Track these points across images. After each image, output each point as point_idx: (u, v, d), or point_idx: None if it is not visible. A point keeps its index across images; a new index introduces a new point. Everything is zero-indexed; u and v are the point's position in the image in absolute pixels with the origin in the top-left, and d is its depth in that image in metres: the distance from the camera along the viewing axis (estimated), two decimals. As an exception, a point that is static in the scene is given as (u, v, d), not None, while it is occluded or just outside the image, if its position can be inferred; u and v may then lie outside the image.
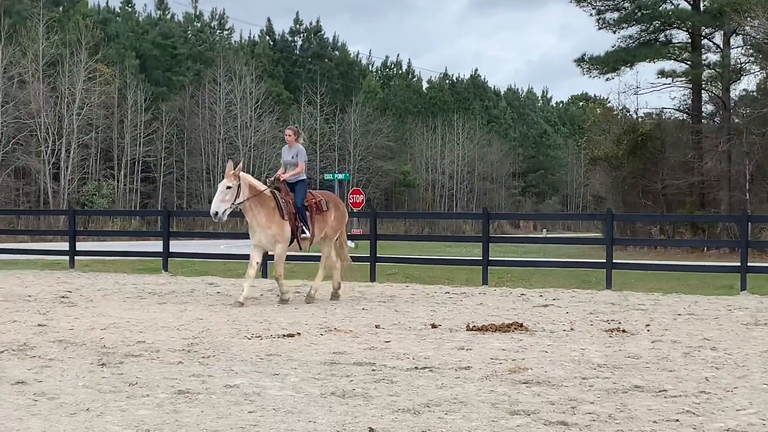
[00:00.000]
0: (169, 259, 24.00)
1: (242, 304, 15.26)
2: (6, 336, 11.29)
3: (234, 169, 15.71)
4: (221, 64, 73.91)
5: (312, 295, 16.74)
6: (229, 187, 15.52)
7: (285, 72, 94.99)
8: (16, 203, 59.62)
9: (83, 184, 63.54)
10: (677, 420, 6.88)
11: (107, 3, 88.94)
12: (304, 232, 16.41)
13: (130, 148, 68.01)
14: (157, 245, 26.42)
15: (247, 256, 17.10)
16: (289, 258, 17.20)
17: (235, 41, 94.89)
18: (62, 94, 60.94)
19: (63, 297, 16.63)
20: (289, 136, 16.75)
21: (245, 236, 18.55)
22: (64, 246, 26.45)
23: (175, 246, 24.42)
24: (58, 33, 63.69)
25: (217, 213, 15.39)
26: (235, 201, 15.57)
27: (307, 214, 16.44)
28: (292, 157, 16.56)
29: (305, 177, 16.71)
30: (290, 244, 16.31)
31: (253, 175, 17.56)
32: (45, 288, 18.55)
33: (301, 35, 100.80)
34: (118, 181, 67.48)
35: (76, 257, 25.23)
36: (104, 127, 66.20)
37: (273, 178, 16.73)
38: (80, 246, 27.36)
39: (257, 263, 16.16)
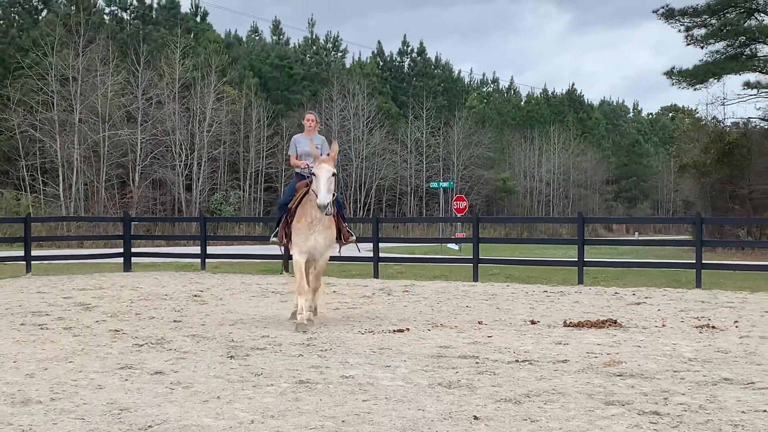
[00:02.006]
0: (289, 261, 24.22)
1: (309, 324, 12.04)
2: (145, 331, 11.57)
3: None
4: (335, 83, 74.60)
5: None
6: (334, 174, 11.96)
7: (393, 89, 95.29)
8: (153, 212, 61.05)
9: (212, 193, 64.71)
10: (765, 411, 6.69)
11: (236, 30, 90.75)
12: (352, 235, 13.36)
13: (254, 161, 69.13)
14: (278, 249, 26.76)
15: (363, 258, 13.13)
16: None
17: (348, 62, 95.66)
18: (194, 113, 62.22)
19: (195, 296, 16.96)
20: (313, 121, 13.41)
21: (359, 240, 15.40)
22: (196, 250, 26.96)
23: (295, 249, 24.61)
24: (192, 58, 65.10)
25: (327, 206, 11.71)
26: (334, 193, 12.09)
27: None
28: (317, 147, 12.49)
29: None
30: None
31: (364, 187, 12.88)
32: (179, 288, 18.94)
33: (408, 56, 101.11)
34: (243, 191, 68.56)
35: (206, 260, 25.69)
36: (231, 142, 67.36)
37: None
38: (210, 249, 27.81)
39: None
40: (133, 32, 70.52)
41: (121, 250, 25.84)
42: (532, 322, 12.62)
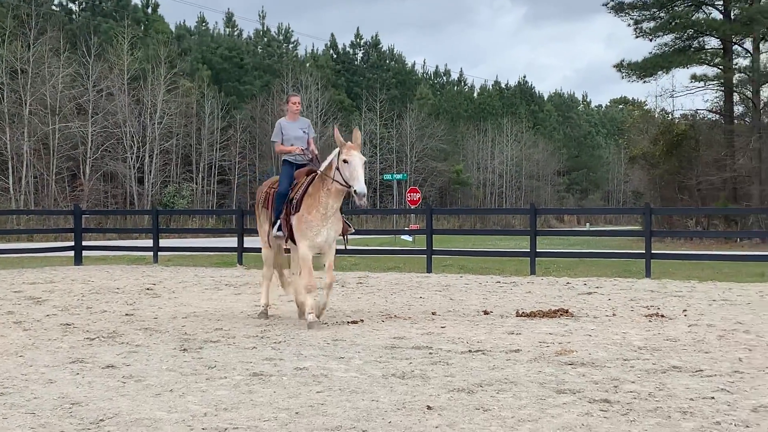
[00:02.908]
0: (243, 253, 24.19)
1: (319, 321, 11.46)
2: (97, 325, 11.46)
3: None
4: (289, 75, 74.32)
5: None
6: (365, 163, 11.56)
7: (347, 81, 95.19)
8: (104, 205, 60.46)
9: (165, 186, 64.25)
10: (713, 398, 6.79)
11: (184, 21, 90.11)
12: (350, 227, 12.40)
13: (207, 154, 68.71)
14: (232, 241, 26.68)
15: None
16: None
17: (300, 54, 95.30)
18: (145, 105, 61.69)
19: (148, 289, 16.83)
20: (298, 104, 12.57)
21: None
22: (149, 243, 26.77)
23: (249, 242, 24.57)
24: (141, 49, 64.46)
25: (366, 195, 11.02)
26: None
27: None
28: (303, 131, 12.35)
29: None
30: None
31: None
32: (131, 281, 18.78)
33: (362, 48, 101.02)
34: (196, 184, 68.14)
35: (159, 253, 25.54)
36: (183, 134, 66.90)
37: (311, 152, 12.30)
38: (163, 243, 27.66)
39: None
40: (83, 24, 69.68)
41: (72, 243, 25.57)
42: (485, 313, 12.69)
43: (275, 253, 12.57)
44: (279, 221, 11.79)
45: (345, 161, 11.19)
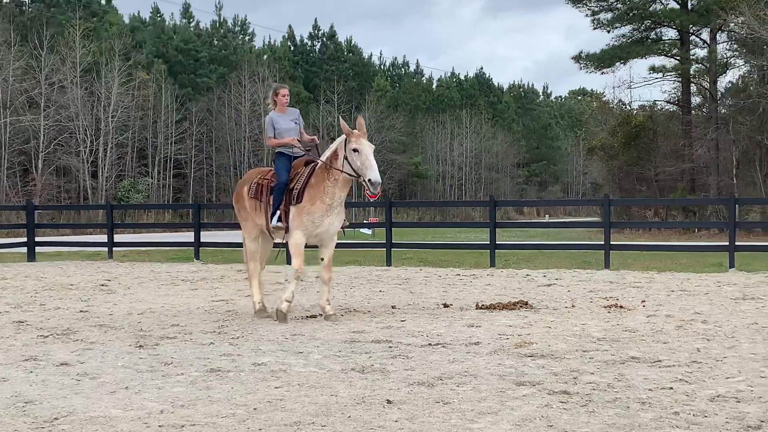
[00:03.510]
0: (200, 248, 24.07)
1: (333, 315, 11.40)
2: (51, 322, 11.35)
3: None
4: (245, 68, 73.98)
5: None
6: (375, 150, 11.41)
7: (304, 73, 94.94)
8: (57, 200, 59.82)
9: (120, 180, 63.70)
10: (671, 388, 6.86)
11: (139, 12, 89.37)
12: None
13: (163, 147, 68.23)
14: (188, 236, 26.55)
15: (275, 245, 11.44)
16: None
17: (257, 47, 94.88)
18: (99, 98, 61.09)
19: (102, 285, 16.69)
20: (287, 97, 12.15)
21: None
22: (103, 238, 26.53)
23: (206, 236, 24.48)
24: (94, 41, 63.79)
25: (380, 184, 11.09)
26: None
27: None
28: (294, 122, 12.03)
29: None
30: None
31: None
32: (86, 277, 18.61)
33: (319, 40, 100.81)
34: (152, 178, 67.62)
35: (114, 248, 25.31)
36: (139, 127, 66.36)
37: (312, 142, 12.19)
38: (118, 238, 27.44)
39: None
40: (35, 15, 68.81)
41: (25, 239, 25.28)
42: (445, 306, 12.72)
43: (261, 245, 12.39)
44: (278, 212, 11.50)
45: (355, 150, 11.04)
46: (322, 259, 11.62)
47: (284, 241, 11.77)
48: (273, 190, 11.65)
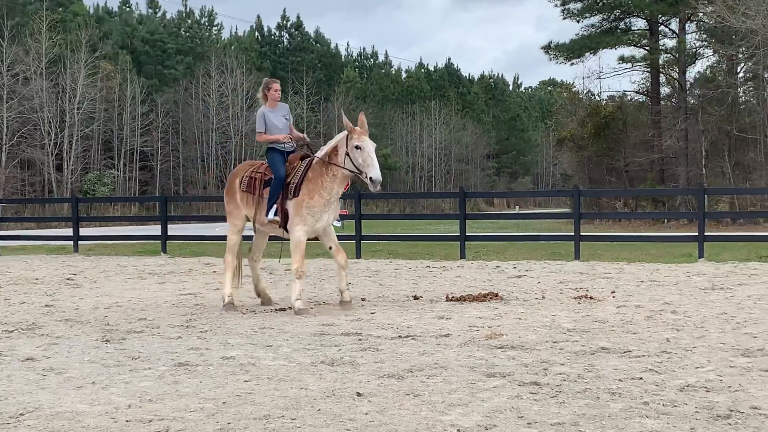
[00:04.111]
0: (167, 241, 23.95)
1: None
2: (16, 316, 11.26)
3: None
4: (213, 59, 73.62)
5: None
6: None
7: (272, 64, 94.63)
8: (22, 193, 59.31)
9: (85, 173, 63.25)
10: (641, 378, 6.92)
11: (105, 2, 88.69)
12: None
13: (129, 139, 67.79)
14: (155, 229, 26.39)
15: (243, 237, 11.62)
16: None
17: (225, 37, 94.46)
18: (64, 90, 60.59)
19: (68, 279, 16.58)
20: (279, 91, 12.24)
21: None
22: (69, 232, 26.35)
23: (173, 229, 24.38)
24: (60, 32, 63.23)
25: (381, 182, 11.28)
26: None
27: None
28: (285, 118, 12.19)
29: None
30: None
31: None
32: (51, 271, 18.48)
33: (287, 30, 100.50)
34: (118, 170, 67.21)
35: (79, 242, 25.16)
36: (104, 119, 65.88)
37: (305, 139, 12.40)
38: (83, 231, 27.22)
39: None
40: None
41: (-11, 233, 25.06)
42: (415, 298, 12.75)
43: (257, 238, 12.50)
44: (275, 206, 11.56)
45: (357, 147, 11.16)
46: (330, 248, 11.84)
47: (284, 236, 11.86)
48: (266, 184, 11.74)
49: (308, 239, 11.66)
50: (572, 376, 7.04)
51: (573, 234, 20.98)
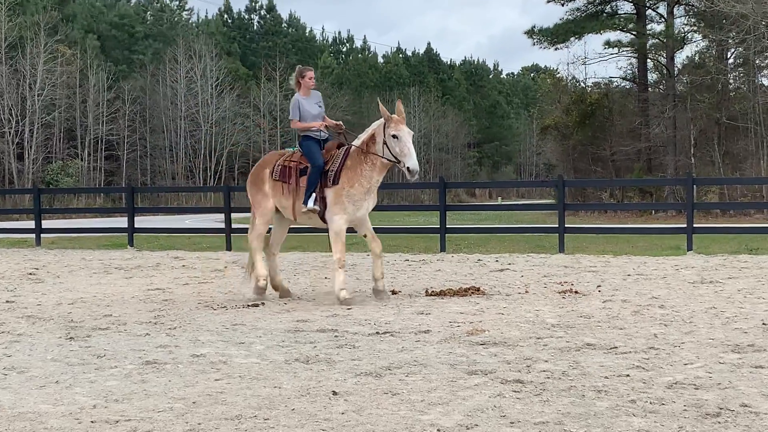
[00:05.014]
0: (134, 234, 23.86)
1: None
2: (-25, 313, 11.19)
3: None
4: (181, 43, 73.29)
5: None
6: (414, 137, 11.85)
7: (242, 49, 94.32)
8: (-20, 184, 58.95)
9: (48, 163, 62.86)
10: (628, 375, 6.95)
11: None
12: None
13: (94, 127, 67.39)
14: (122, 221, 26.30)
15: (214, 230, 11.76)
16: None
17: (193, 21, 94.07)
18: (24, 76, 60.16)
19: (30, 274, 16.49)
20: (313, 79, 12.47)
21: (210, 211, 15.70)
22: (30, 224, 26.19)
23: (140, 222, 24.29)
24: (20, 15, 62.77)
25: (418, 172, 11.56)
26: None
27: None
28: (319, 106, 12.44)
29: None
30: None
31: (214, 154, 12.39)
32: (12, 266, 18.37)
33: (257, 13, 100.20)
34: (82, 160, 66.79)
35: (42, 235, 25.01)
36: (67, 106, 65.47)
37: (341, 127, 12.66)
38: (46, 224, 27.10)
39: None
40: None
41: (-54, 226, 24.88)
42: (393, 292, 12.75)
43: (278, 230, 12.83)
44: (313, 195, 11.81)
45: (395, 136, 11.44)
46: (365, 236, 12.20)
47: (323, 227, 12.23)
48: (302, 173, 12.01)
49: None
50: (556, 373, 7.07)
51: (557, 226, 21.04)
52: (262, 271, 12.40)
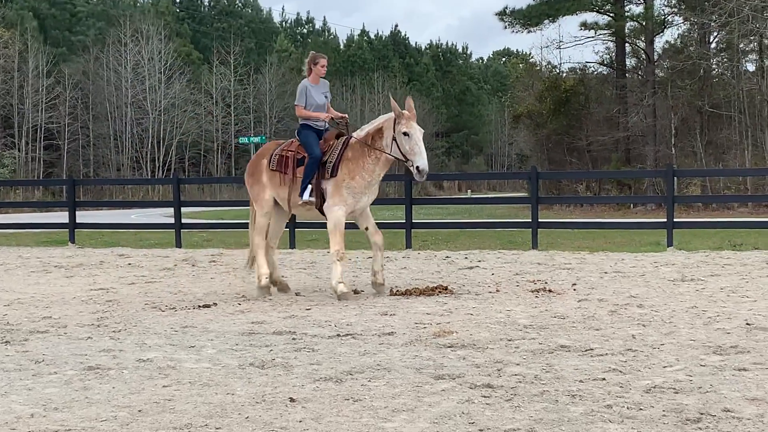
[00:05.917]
0: (75, 230, 23.69)
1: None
2: None
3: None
4: (127, 24, 72.79)
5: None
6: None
7: (193, 31, 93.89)
8: None
9: (-19, 154, 62.33)
10: (604, 379, 6.99)
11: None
12: None
13: (32, 115, 66.81)
14: (62, 216, 26.09)
15: (162, 225, 12.08)
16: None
17: (140, 1, 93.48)
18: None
19: (-37, 273, 16.36)
20: (325, 67, 12.82)
21: (158, 205, 15.89)
22: (-37, 219, 25.97)
23: (82, 216, 24.14)
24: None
25: (428, 173, 12.09)
26: None
27: None
28: (326, 96, 12.85)
29: None
30: None
31: (163, 143, 12.94)
32: (-57, 264, 18.21)
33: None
34: (19, 150, 66.22)
35: (-24, 231, 24.79)
36: (3, 92, 64.86)
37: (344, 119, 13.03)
38: (-20, 219, 26.86)
39: None
40: None
41: None
42: (355, 292, 12.76)
43: (275, 223, 13.04)
44: (309, 187, 12.07)
45: (406, 134, 11.81)
46: (367, 228, 12.60)
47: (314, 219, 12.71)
48: (299, 163, 12.26)
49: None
50: (529, 377, 7.10)
51: (530, 221, 21.13)
52: (264, 269, 12.55)
